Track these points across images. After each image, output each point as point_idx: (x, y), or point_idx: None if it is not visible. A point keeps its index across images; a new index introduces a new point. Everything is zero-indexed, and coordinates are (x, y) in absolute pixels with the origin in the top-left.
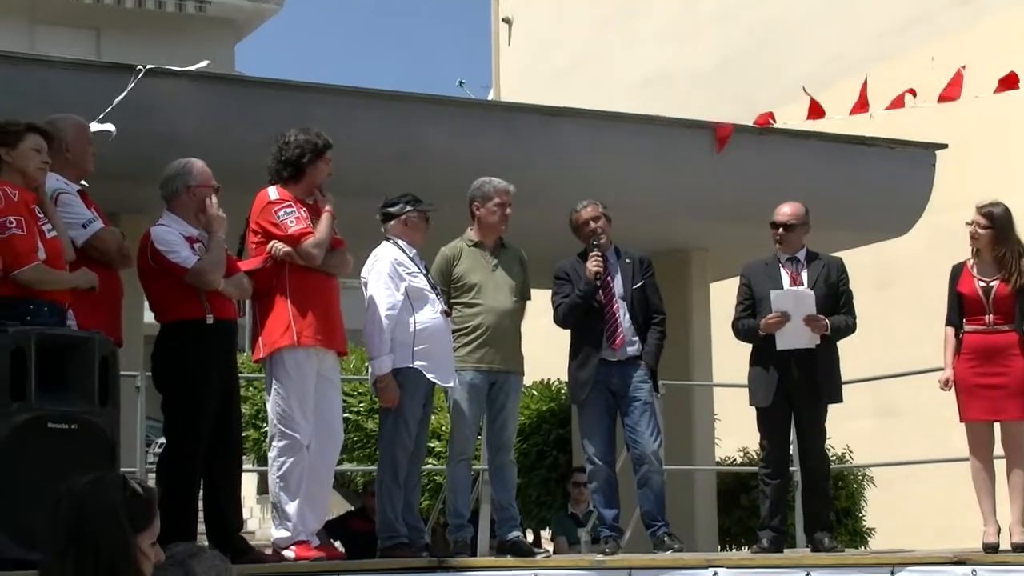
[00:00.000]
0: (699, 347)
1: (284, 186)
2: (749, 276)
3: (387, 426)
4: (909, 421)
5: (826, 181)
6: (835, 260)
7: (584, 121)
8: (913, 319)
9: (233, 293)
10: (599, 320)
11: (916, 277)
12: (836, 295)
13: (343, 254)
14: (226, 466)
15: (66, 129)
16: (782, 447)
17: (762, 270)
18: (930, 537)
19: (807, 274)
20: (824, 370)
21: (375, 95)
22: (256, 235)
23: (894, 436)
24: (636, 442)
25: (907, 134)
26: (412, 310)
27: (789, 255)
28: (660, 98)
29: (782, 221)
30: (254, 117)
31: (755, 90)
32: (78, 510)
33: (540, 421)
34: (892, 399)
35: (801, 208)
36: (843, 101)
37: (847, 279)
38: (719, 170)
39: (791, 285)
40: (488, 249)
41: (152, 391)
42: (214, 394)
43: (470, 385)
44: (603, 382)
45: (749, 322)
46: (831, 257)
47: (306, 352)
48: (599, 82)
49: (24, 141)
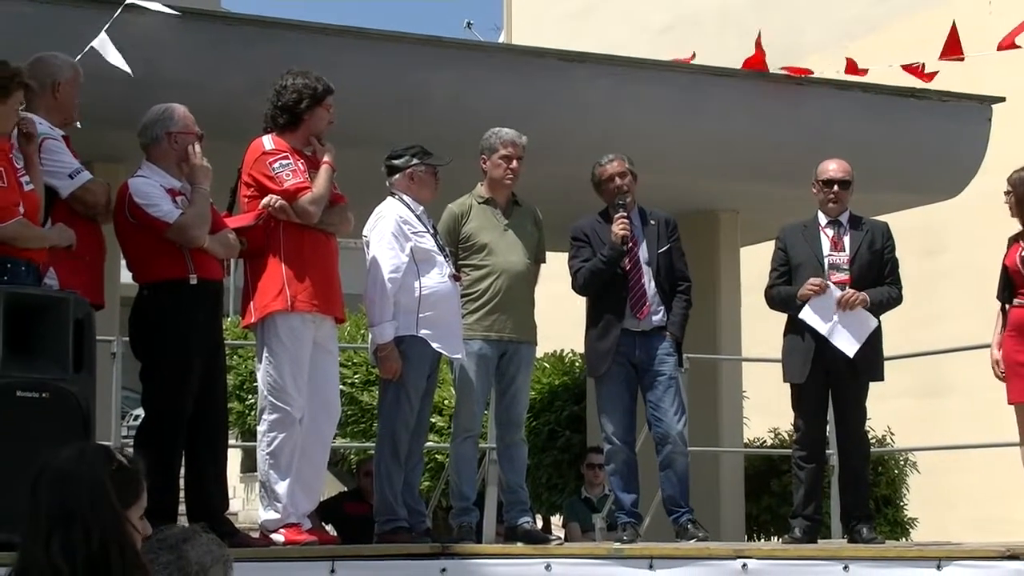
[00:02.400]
0: (727, 318)
1: (280, 135)
2: (786, 240)
3: (387, 399)
4: (957, 402)
5: (870, 137)
6: (880, 225)
7: (603, 67)
8: (963, 290)
9: (219, 251)
10: (623, 287)
11: (968, 244)
12: (880, 263)
13: (343, 211)
14: (211, 441)
15: (61, 69)
16: (818, 428)
17: (800, 233)
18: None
19: (849, 240)
20: (865, 345)
21: (374, 36)
22: (248, 188)
23: (940, 418)
24: (659, 420)
25: (960, 86)
26: (418, 273)
27: (832, 218)
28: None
29: (838, 177)
30: (241, 59)
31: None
32: (60, 488)
33: (552, 397)
34: (938, 378)
35: (850, 166)
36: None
37: (893, 246)
38: (751, 123)
39: (832, 250)
40: (499, 207)
41: (129, 358)
42: (197, 362)
43: (478, 355)
44: (625, 354)
45: (784, 289)
46: (876, 221)
47: (301, 318)
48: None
49: (12, 97)
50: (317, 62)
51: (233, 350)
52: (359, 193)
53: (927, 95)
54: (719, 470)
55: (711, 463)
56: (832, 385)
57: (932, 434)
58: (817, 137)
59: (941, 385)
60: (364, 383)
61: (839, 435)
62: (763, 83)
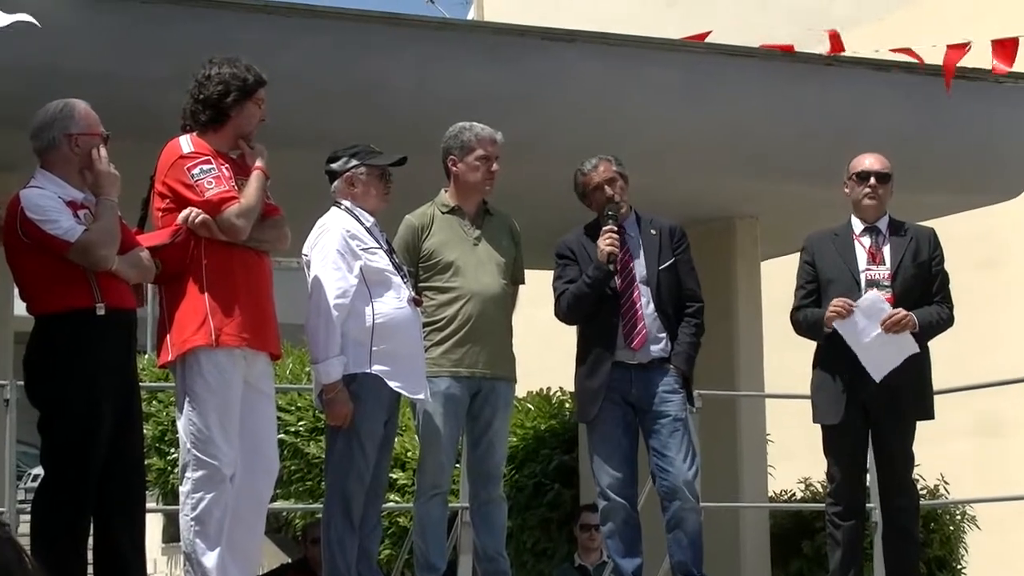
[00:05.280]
0: (747, 346)
1: (201, 135)
2: (813, 251)
3: (336, 451)
4: (1021, 443)
5: (913, 127)
6: (926, 231)
7: (595, 47)
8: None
9: (131, 275)
10: (613, 312)
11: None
12: (928, 278)
13: (278, 225)
14: (125, 504)
15: None
16: (856, 477)
17: (831, 243)
18: None
19: (890, 250)
20: (911, 377)
21: (320, 14)
22: (163, 200)
23: (1002, 463)
24: (665, 471)
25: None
26: (370, 297)
27: (869, 223)
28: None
29: (876, 169)
30: (159, 44)
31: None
32: None
33: (538, 444)
34: (999, 415)
35: (886, 159)
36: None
37: (941, 257)
38: (773, 112)
39: (869, 263)
40: (469, 217)
41: (26, 406)
42: (107, 409)
43: (445, 396)
44: (620, 392)
45: (812, 312)
46: (920, 227)
47: (229, 354)
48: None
49: None
50: (253, 46)
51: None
52: (299, 203)
53: (981, 76)
54: (739, 529)
55: (729, 521)
56: (872, 425)
57: (994, 483)
58: (851, 128)
59: (1004, 424)
60: (309, 431)
61: (882, 485)
62: (787, 64)
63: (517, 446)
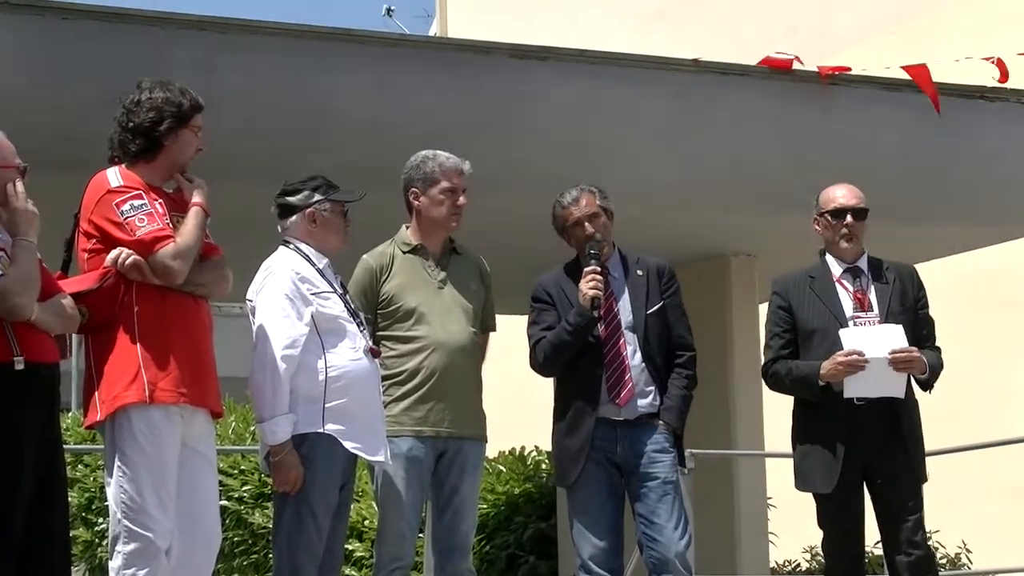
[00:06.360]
0: (744, 399)
1: (132, 167)
2: (789, 296)
3: (285, 520)
4: None
5: (926, 153)
6: (907, 270)
7: (571, 66)
8: None
9: (53, 324)
10: (596, 363)
11: None
12: (915, 322)
13: (219, 267)
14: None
15: None
16: (854, 553)
17: (809, 287)
18: None
19: (876, 293)
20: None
21: (265, 30)
22: (89, 240)
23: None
24: (654, 540)
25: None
26: (322, 348)
27: (849, 263)
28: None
29: (852, 204)
30: (83, 64)
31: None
32: None
33: (511, 511)
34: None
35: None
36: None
37: (925, 297)
38: (771, 138)
39: (856, 310)
40: (433, 257)
41: None
42: (27, 474)
43: (407, 458)
44: (604, 452)
45: (799, 365)
46: (900, 265)
47: (164, 412)
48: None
49: None
50: (190, 66)
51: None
52: (241, 243)
53: (1002, 95)
54: None
55: None
56: (874, 488)
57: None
58: (858, 155)
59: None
60: (255, 498)
61: (888, 544)
62: (786, 85)
63: (488, 513)
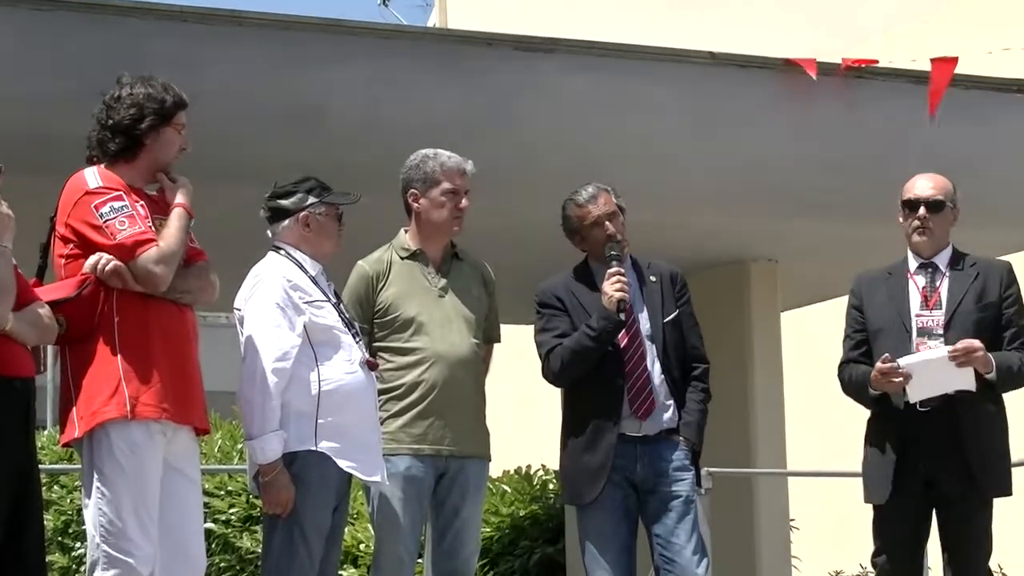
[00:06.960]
0: (765, 413)
1: (111, 167)
2: (862, 294)
3: (275, 544)
4: None
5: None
6: (998, 267)
7: (579, 58)
8: None
9: (28, 335)
10: (617, 374)
11: None
12: (995, 323)
13: (204, 273)
14: None
15: None
16: (911, 568)
17: (883, 284)
18: None
19: (947, 289)
20: (981, 440)
21: (252, 21)
22: (67, 244)
23: None
24: (671, 562)
25: None
26: (315, 360)
27: (925, 258)
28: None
29: (925, 196)
30: (58, 58)
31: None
32: None
33: (516, 534)
34: None
35: (947, 183)
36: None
37: (1018, 295)
38: (794, 135)
39: (922, 307)
40: (433, 263)
41: None
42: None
43: (405, 477)
44: (623, 472)
45: (859, 371)
46: (992, 262)
47: (145, 429)
48: None
49: None
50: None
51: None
52: (228, 247)
53: None
54: None
55: None
56: (937, 501)
57: None
58: (886, 154)
59: None
60: (242, 520)
61: None
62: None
63: (492, 536)
